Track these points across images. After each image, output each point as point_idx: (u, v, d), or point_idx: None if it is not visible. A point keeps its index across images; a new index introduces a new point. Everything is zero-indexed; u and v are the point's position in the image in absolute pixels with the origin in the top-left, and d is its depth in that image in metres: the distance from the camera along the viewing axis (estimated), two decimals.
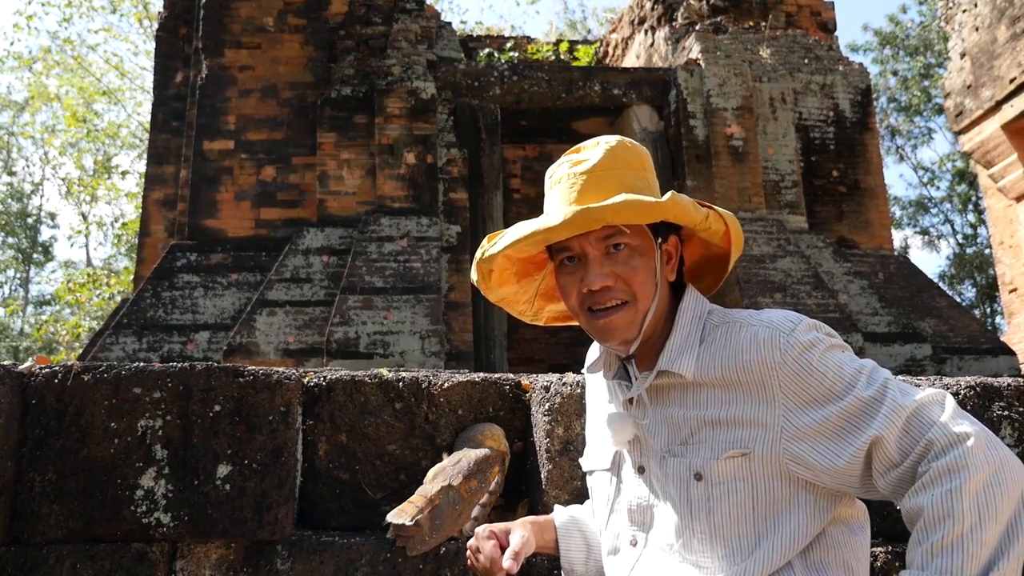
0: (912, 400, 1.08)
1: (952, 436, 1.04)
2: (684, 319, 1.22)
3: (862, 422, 1.09)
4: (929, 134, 24.09)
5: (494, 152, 8.31)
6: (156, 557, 1.91)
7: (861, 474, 1.10)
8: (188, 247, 7.80)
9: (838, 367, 1.12)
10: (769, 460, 1.13)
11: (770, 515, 1.13)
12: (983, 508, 1.00)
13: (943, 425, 1.05)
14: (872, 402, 1.09)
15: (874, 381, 1.11)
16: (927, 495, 1.03)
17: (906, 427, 1.07)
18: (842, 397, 1.11)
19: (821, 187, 8.69)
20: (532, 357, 9.79)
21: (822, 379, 1.12)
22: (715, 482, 1.14)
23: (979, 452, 1.02)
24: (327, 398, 2.14)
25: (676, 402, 1.20)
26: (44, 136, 22.06)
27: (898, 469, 1.07)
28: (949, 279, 23.38)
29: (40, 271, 27.96)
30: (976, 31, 9.48)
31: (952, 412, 1.07)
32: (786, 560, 1.11)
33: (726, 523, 1.13)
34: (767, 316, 1.19)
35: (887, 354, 7.45)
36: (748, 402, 1.14)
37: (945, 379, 1.92)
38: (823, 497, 1.14)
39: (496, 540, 1.35)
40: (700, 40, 8.63)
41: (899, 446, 1.07)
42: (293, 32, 8.54)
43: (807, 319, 1.18)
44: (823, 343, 1.14)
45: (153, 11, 19.02)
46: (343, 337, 6.86)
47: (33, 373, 1.96)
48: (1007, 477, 1.02)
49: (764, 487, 1.13)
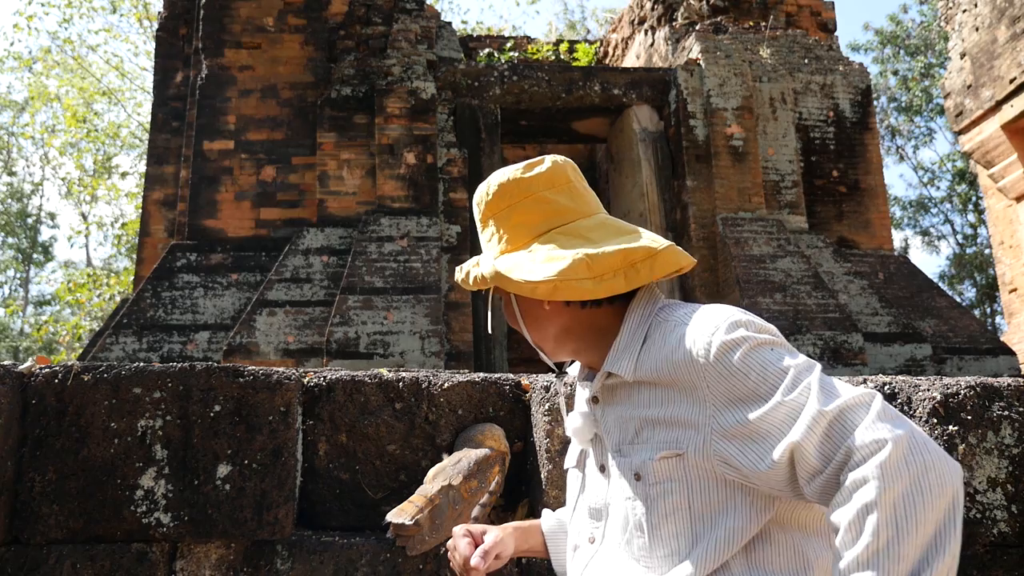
0: (835, 404, 1.02)
1: (869, 444, 0.97)
2: (629, 320, 1.23)
3: (783, 427, 1.04)
4: (929, 134, 24.10)
5: (494, 152, 8.31)
6: (156, 557, 1.91)
7: (788, 479, 1.05)
8: (188, 247, 7.80)
9: (762, 367, 1.07)
10: (702, 461, 1.11)
11: (706, 515, 1.11)
12: (901, 521, 0.93)
13: (862, 431, 0.99)
14: (794, 406, 1.03)
15: (798, 383, 1.05)
16: (843, 509, 0.97)
17: (827, 433, 1.01)
18: (765, 399, 1.06)
19: (821, 187, 8.70)
20: (532, 357, 9.78)
21: (745, 379, 1.07)
22: (651, 482, 1.14)
23: (896, 460, 0.95)
24: (327, 398, 2.14)
25: (624, 402, 1.22)
26: (44, 136, 22.06)
27: (822, 476, 1.01)
28: (949, 279, 23.38)
29: (40, 271, 27.99)
30: (976, 31, 9.48)
31: (875, 415, 0.99)
32: (722, 561, 1.09)
33: (663, 523, 1.13)
34: (699, 314, 1.16)
35: (887, 354, 7.45)
36: (682, 402, 1.14)
37: (945, 379, 1.92)
38: (760, 498, 1.11)
39: (471, 538, 1.37)
40: (700, 40, 8.63)
41: (821, 452, 1.01)
42: (293, 32, 8.54)
43: (738, 316, 1.13)
44: (748, 341, 1.09)
45: (153, 11, 19.03)
46: (343, 337, 6.86)
47: (33, 373, 1.96)
48: (929, 485, 0.94)
49: (699, 488, 1.12)
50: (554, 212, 1.24)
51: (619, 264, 1.18)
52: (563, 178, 1.26)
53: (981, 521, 1.83)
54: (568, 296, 1.18)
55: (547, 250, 1.21)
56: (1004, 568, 1.84)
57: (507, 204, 1.25)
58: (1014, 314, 9.94)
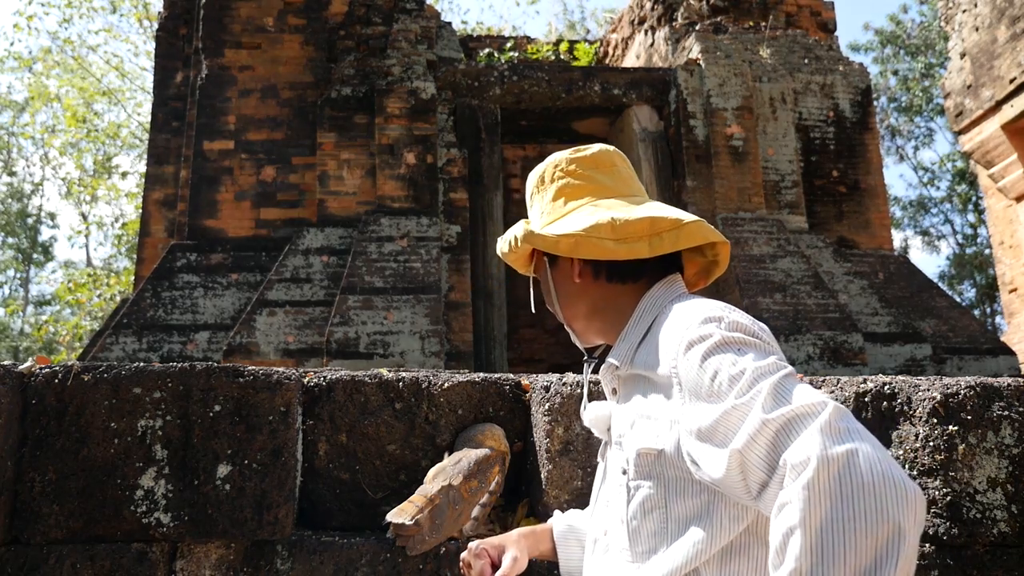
0: (780, 411, 0.95)
1: (801, 461, 0.89)
2: (638, 311, 1.24)
3: (732, 431, 0.98)
4: (929, 134, 24.10)
5: (494, 152, 8.31)
6: (156, 557, 1.91)
7: (744, 488, 0.98)
8: (188, 247, 7.80)
9: (719, 366, 1.02)
10: (677, 460, 1.08)
11: (681, 517, 1.08)
12: (826, 547, 0.84)
13: (797, 446, 0.91)
14: (745, 410, 0.97)
15: (752, 386, 0.98)
16: (773, 529, 0.90)
17: (772, 443, 0.94)
18: (720, 400, 1.00)
19: (821, 187, 8.70)
20: (532, 357, 9.79)
21: (704, 377, 1.03)
22: (632, 477, 1.14)
23: (824, 480, 0.86)
24: (327, 398, 2.14)
25: (631, 394, 1.22)
26: (44, 136, 22.07)
27: (769, 489, 0.95)
28: (949, 279, 23.38)
29: (40, 271, 27.98)
30: (976, 31, 9.48)
31: (818, 428, 0.91)
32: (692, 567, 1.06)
33: (643, 520, 1.12)
34: (686, 308, 1.14)
35: (887, 354, 7.45)
36: (662, 398, 1.12)
37: (945, 379, 1.92)
38: (734, 506, 1.06)
39: (488, 559, 1.37)
40: (700, 40, 8.64)
41: (766, 463, 0.95)
42: (293, 32, 8.54)
43: (717, 312, 1.10)
44: (713, 338, 1.05)
45: (153, 11, 19.03)
46: (343, 337, 6.86)
47: (33, 373, 1.96)
48: (864, 510, 0.84)
49: (675, 488, 1.09)
50: (594, 189, 1.30)
51: (645, 230, 1.21)
52: (607, 162, 1.33)
53: (981, 521, 1.83)
54: (589, 253, 1.20)
55: (578, 215, 1.26)
56: (1004, 568, 1.84)
57: (552, 181, 1.33)
58: (1014, 314, 9.94)
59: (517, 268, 1.40)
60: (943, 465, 1.83)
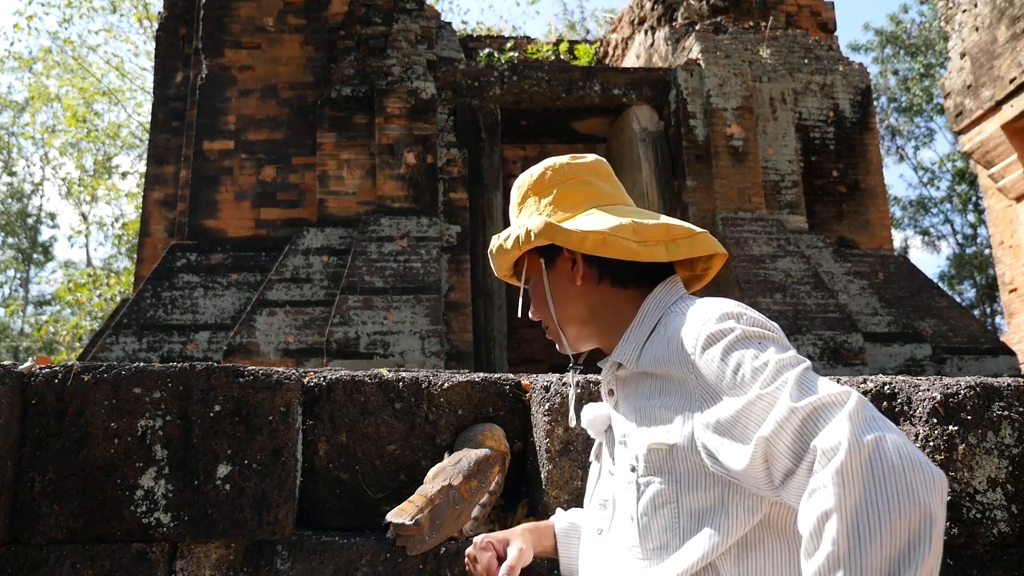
0: (808, 400, 0.97)
1: (832, 446, 0.92)
2: (642, 312, 1.24)
3: (756, 422, 1.00)
4: (929, 134, 24.11)
5: (494, 152, 8.31)
6: (156, 557, 1.91)
7: (767, 479, 1.00)
8: (188, 247, 7.80)
9: (741, 359, 1.04)
10: (690, 454, 1.09)
11: (695, 511, 1.09)
12: (863, 529, 0.87)
13: (827, 432, 0.94)
14: (770, 400, 1.00)
15: (776, 377, 1.01)
16: (805, 515, 0.93)
17: (800, 430, 0.96)
18: (744, 392, 1.02)
19: (821, 187, 8.70)
20: (532, 357, 9.79)
21: (725, 370, 1.05)
22: (642, 473, 1.14)
23: (856, 464, 0.89)
24: (327, 398, 2.14)
25: (633, 393, 1.22)
26: (44, 136, 22.07)
27: (795, 477, 0.97)
28: (949, 279, 23.39)
29: (40, 271, 27.98)
30: (976, 31, 9.48)
31: (846, 415, 0.94)
32: (708, 560, 1.06)
33: (653, 516, 1.12)
34: (699, 306, 1.16)
35: (887, 354, 7.45)
36: (675, 394, 1.13)
37: (945, 379, 1.92)
38: (749, 497, 1.07)
39: (494, 551, 1.38)
40: (700, 40, 8.64)
41: (792, 451, 0.97)
42: (293, 32, 8.54)
43: (733, 309, 1.12)
44: (734, 333, 1.07)
45: (153, 11, 19.03)
46: (343, 337, 6.86)
47: (33, 373, 1.96)
48: (896, 492, 0.87)
49: (688, 482, 1.10)
50: (597, 194, 1.31)
51: (662, 235, 1.23)
52: (605, 170, 1.35)
53: (981, 521, 1.83)
54: (615, 252, 1.21)
55: (590, 217, 1.27)
56: (1004, 568, 1.84)
57: (552, 184, 1.32)
58: (1014, 314, 9.94)
59: (499, 271, 1.36)
60: (943, 465, 1.83)
